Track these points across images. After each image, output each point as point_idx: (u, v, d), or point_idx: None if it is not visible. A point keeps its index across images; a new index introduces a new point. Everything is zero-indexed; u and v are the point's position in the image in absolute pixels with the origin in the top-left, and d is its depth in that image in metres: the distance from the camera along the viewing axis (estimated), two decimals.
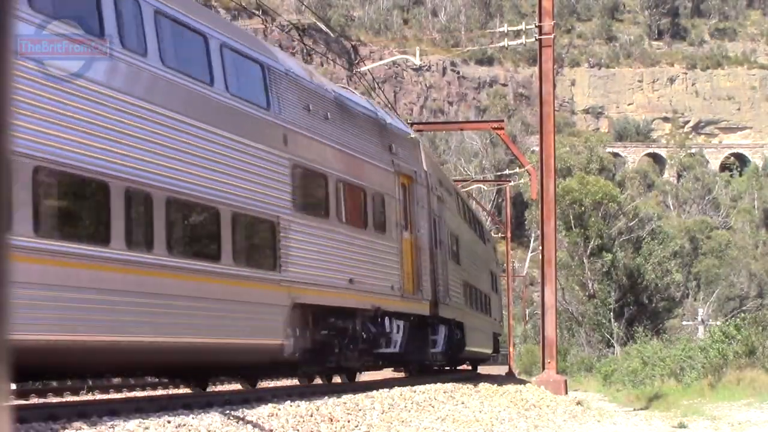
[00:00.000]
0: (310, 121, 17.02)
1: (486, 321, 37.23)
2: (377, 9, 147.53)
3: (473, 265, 33.74)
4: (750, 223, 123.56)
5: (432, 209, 23.72)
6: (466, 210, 35.35)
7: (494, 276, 42.95)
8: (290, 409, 12.74)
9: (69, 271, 10.71)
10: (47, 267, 10.51)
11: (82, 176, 11.22)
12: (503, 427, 15.26)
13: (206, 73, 14.03)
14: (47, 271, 10.42)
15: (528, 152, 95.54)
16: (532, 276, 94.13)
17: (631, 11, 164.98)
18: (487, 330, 37.25)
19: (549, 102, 25.52)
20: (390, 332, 20.03)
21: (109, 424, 9.62)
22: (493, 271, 42.30)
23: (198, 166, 13.42)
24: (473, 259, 34.01)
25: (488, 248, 41.91)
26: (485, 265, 39.01)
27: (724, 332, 33.13)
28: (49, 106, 10.78)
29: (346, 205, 18.19)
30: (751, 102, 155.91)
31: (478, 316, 33.80)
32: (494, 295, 41.95)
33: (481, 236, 39.35)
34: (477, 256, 35.72)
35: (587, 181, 62.39)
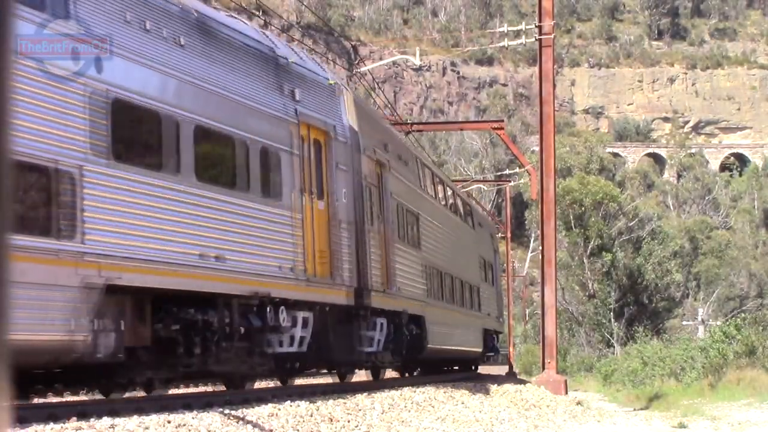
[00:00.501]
0: (145, 43, 12.74)
1: (471, 316, 33.17)
2: (377, 9, 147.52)
3: (449, 250, 29.39)
4: (750, 223, 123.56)
5: (363, 175, 19.02)
6: (440, 187, 30.40)
7: (488, 266, 38.60)
8: (290, 409, 12.74)
9: None
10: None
11: None
12: (503, 427, 15.26)
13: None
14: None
15: (528, 152, 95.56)
16: (532, 276, 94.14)
17: (631, 11, 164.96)
18: (472, 326, 33.14)
19: (549, 102, 25.53)
20: (287, 327, 15.44)
21: (109, 424, 9.62)
22: (486, 260, 38.05)
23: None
24: (449, 244, 29.72)
25: (480, 235, 37.38)
26: (472, 253, 34.91)
27: (724, 332, 33.16)
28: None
29: (207, 157, 14.13)
30: (751, 102, 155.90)
31: (454, 310, 29.65)
32: (487, 287, 37.84)
33: (468, 220, 35.15)
34: (457, 242, 31.35)
35: (587, 181, 62.40)
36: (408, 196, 23.73)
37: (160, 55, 13.06)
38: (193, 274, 13.05)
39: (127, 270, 11.78)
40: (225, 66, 14.78)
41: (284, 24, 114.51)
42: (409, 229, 23.73)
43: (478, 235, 36.40)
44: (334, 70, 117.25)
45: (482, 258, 36.94)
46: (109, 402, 12.63)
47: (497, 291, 41.06)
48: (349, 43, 72.54)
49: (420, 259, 24.58)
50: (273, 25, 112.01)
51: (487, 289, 37.40)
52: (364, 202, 18.92)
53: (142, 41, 12.66)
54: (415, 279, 23.69)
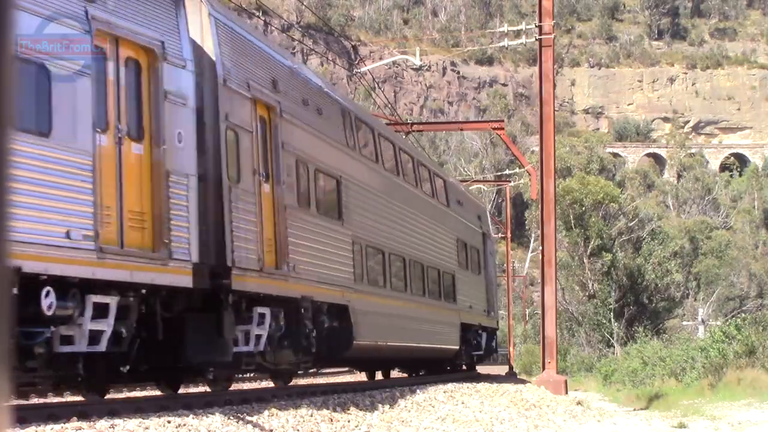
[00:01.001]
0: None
1: (440, 308, 27.97)
2: (377, 9, 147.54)
3: (398, 227, 24.24)
4: (750, 223, 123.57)
5: (225, 115, 14.34)
6: (390, 151, 24.77)
7: (470, 250, 33.05)
8: (290, 409, 12.74)
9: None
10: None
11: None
12: (503, 427, 15.26)
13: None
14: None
15: (528, 152, 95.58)
16: (532, 276, 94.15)
17: (631, 11, 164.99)
18: (442, 320, 27.96)
19: (549, 102, 25.54)
20: (68, 316, 10.75)
21: (109, 424, 9.62)
22: (467, 244, 32.61)
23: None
24: (400, 220, 24.48)
25: (459, 213, 31.89)
26: (445, 234, 29.48)
27: (725, 332, 33.15)
28: None
29: None
30: (751, 102, 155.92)
31: (406, 300, 24.40)
32: (471, 275, 32.76)
33: (439, 195, 29.57)
34: (416, 218, 26.02)
35: (587, 181, 62.42)
36: (314, 149, 18.52)
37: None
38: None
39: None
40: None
41: (284, 24, 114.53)
42: (319, 192, 18.71)
43: (455, 214, 31.28)
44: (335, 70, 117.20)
45: (461, 241, 31.73)
46: (109, 402, 12.64)
47: (487, 280, 35.44)
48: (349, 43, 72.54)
49: (343, 235, 19.78)
50: (273, 25, 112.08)
51: (468, 277, 32.27)
52: (227, 151, 14.36)
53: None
54: (331, 258, 18.83)
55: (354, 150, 21.18)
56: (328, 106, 19.93)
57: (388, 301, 22.65)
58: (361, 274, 20.64)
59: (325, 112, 19.45)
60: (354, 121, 21.54)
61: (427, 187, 28.21)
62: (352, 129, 21.20)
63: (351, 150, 20.95)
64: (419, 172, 27.26)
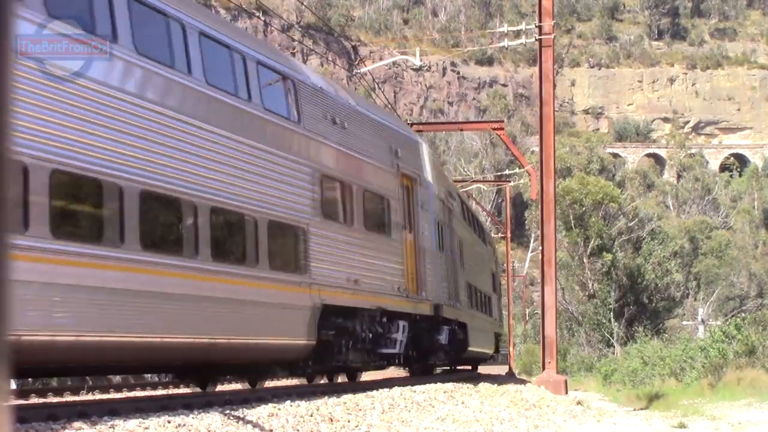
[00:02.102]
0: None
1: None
2: (377, 9, 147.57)
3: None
4: (750, 223, 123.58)
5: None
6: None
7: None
8: (290, 409, 12.75)
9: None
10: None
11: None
12: (503, 427, 15.26)
13: None
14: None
15: (528, 152, 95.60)
16: (532, 276, 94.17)
17: (631, 11, 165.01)
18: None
19: (549, 102, 25.52)
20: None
21: (109, 424, 9.62)
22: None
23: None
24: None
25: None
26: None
27: (724, 332, 33.16)
28: None
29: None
30: (751, 102, 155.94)
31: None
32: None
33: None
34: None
35: (587, 182, 62.45)
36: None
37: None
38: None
39: None
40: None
41: (284, 24, 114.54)
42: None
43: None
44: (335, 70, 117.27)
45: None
46: (109, 402, 12.65)
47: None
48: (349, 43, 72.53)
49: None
50: (273, 25, 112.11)
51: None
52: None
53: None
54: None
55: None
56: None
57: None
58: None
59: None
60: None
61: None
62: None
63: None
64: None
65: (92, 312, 11.35)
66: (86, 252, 11.31)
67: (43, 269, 10.58)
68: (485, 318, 35.27)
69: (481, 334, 32.75)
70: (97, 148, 11.61)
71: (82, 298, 11.19)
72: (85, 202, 11.85)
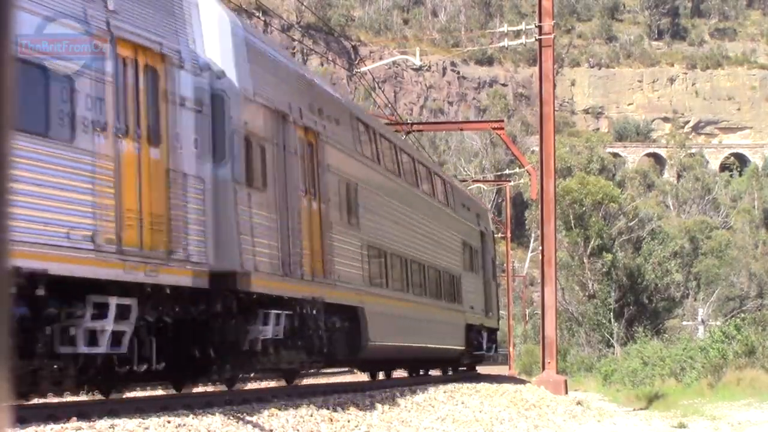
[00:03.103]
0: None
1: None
2: (377, 9, 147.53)
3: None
4: (750, 223, 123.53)
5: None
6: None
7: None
8: (290, 409, 12.74)
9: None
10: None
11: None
12: (503, 427, 15.26)
13: None
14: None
15: (528, 152, 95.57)
16: (532, 276, 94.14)
17: (631, 11, 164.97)
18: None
19: (549, 102, 25.53)
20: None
21: (109, 424, 9.62)
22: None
23: None
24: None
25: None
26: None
27: (724, 332, 33.16)
28: None
29: None
30: (751, 102, 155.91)
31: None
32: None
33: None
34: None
35: (587, 181, 62.43)
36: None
37: None
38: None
39: None
40: None
41: (284, 24, 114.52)
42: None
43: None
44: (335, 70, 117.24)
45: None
46: (109, 402, 12.64)
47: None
48: (349, 43, 72.54)
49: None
50: (273, 25, 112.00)
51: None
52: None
53: None
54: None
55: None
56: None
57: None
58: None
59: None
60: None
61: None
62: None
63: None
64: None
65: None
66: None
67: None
68: (437, 304, 27.28)
69: (413, 324, 24.31)
70: None
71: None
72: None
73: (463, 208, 31.81)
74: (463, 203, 32.08)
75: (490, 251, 36.26)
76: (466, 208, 32.29)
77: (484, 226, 35.49)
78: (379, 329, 20.55)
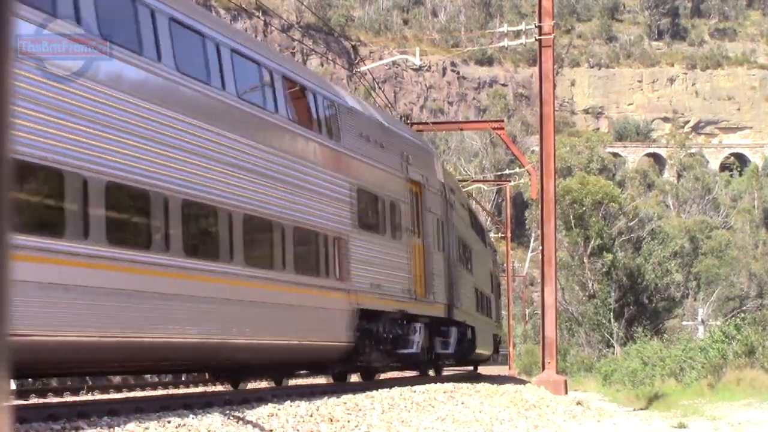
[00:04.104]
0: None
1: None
2: (377, 9, 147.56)
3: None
4: (750, 223, 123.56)
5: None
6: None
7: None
8: (290, 409, 12.74)
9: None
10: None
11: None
12: (503, 427, 15.26)
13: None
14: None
15: (528, 152, 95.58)
16: (532, 276, 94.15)
17: (631, 11, 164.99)
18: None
19: (549, 102, 25.52)
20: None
21: (108, 424, 9.62)
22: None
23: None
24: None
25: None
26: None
27: (724, 332, 33.15)
28: None
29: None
30: (751, 102, 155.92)
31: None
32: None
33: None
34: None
35: (587, 181, 62.43)
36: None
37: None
38: None
39: None
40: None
41: (284, 24, 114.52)
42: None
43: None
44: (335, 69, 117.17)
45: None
46: (109, 402, 12.65)
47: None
48: (349, 43, 72.51)
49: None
50: (273, 25, 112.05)
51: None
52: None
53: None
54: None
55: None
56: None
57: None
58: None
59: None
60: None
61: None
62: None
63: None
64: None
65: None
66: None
67: None
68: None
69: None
70: None
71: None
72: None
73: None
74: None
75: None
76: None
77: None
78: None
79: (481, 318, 33.42)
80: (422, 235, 22.32)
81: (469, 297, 29.18)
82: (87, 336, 11.20)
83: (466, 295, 27.93)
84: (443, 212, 24.23)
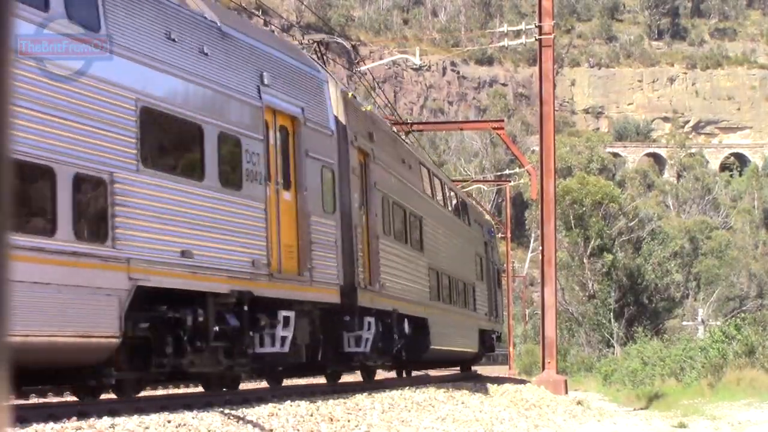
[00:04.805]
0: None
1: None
2: (377, 9, 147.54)
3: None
4: (750, 223, 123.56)
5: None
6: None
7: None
8: (290, 408, 12.74)
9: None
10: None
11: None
12: (503, 427, 15.26)
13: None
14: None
15: (528, 152, 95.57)
16: (532, 276, 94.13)
17: (631, 11, 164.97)
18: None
19: (549, 102, 25.52)
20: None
21: (109, 424, 9.62)
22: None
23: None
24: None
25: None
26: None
27: (724, 332, 33.16)
28: None
29: None
30: (751, 102, 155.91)
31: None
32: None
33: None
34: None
35: (587, 181, 62.44)
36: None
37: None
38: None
39: None
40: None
41: (284, 24, 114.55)
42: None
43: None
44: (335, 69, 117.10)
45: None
46: (109, 402, 12.64)
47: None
48: (349, 43, 72.51)
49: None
50: (273, 25, 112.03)
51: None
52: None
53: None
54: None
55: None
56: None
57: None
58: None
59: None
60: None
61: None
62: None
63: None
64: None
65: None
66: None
67: None
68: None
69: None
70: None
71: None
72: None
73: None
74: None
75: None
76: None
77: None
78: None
79: (453, 310, 27.93)
80: (296, 188, 15.99)
81: (413, 280, 22.60)
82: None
83: (404, 278, 21.62)
84: (342, 161, 18.03)
